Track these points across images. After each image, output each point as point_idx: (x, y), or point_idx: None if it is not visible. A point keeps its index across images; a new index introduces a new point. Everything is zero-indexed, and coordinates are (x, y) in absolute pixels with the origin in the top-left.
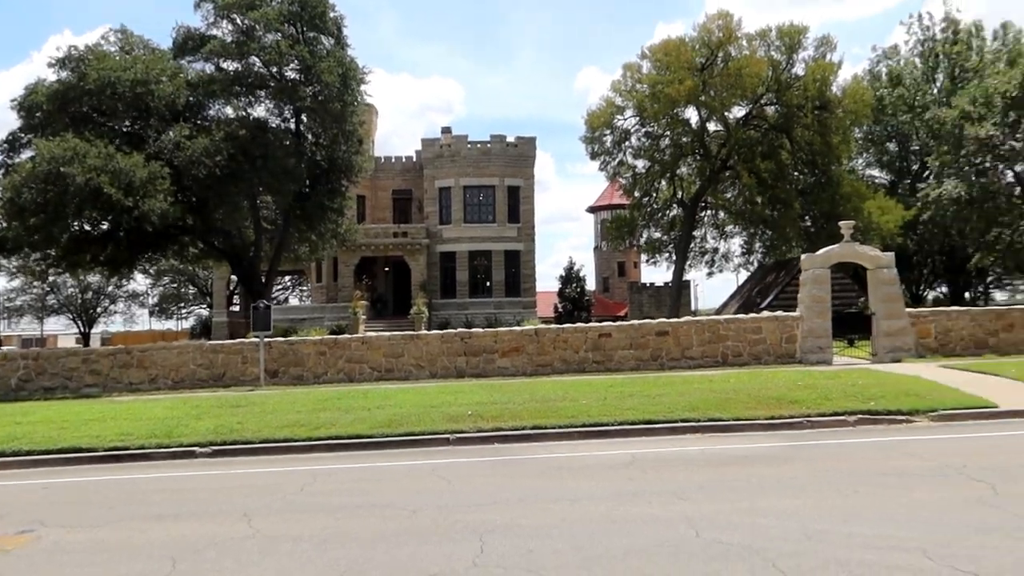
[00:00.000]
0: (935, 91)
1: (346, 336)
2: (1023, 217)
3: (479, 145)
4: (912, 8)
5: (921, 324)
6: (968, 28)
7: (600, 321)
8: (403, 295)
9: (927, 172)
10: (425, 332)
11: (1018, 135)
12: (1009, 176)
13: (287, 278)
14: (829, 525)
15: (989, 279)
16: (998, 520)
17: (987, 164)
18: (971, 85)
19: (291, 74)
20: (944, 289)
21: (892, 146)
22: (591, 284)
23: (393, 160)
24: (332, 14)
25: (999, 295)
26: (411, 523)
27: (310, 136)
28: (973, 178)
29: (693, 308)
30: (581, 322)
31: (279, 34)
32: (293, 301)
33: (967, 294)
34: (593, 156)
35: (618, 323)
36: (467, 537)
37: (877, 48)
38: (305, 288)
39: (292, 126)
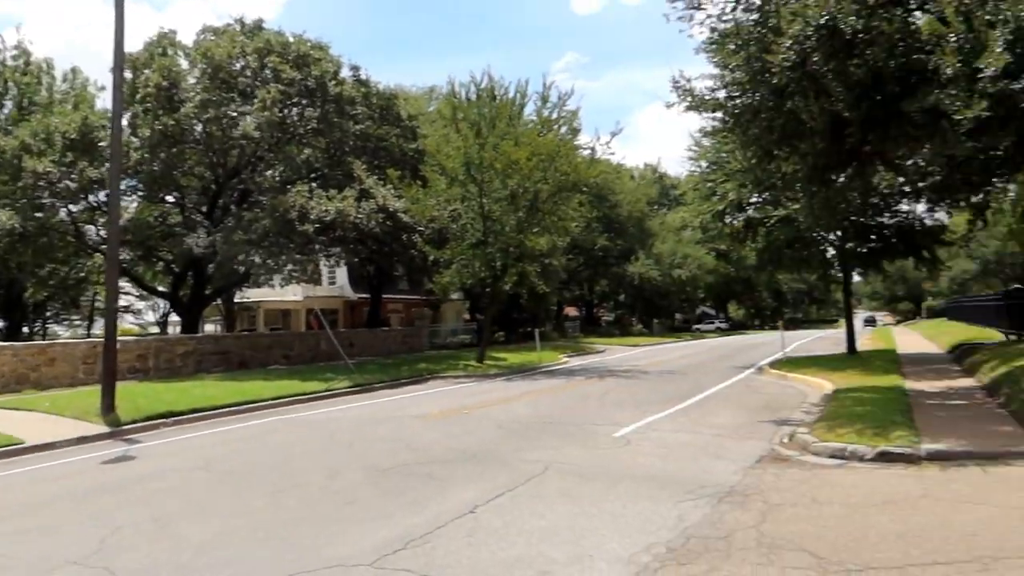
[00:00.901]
0: (2, 118)
1: None
2: (77, 255)
3: None
4: None
5: None
6: (40, 63)
7: None
8: None
9: None
10: None
11: (74, 175)
12: (64, 214)
13: None
14: None
15: (48, 314)
16: None
17: (45, 200)
18: (35, 119)
19: None
20: (2, 324)
21: None
22: None
23: None
24: None
25: (60, 330)
26: None
27: None
28: (30, 212)
29: None
30: None
31: None
32: None
33: (26, 328)
34: None
35: None
36: None
37: None
38: None
39: None
